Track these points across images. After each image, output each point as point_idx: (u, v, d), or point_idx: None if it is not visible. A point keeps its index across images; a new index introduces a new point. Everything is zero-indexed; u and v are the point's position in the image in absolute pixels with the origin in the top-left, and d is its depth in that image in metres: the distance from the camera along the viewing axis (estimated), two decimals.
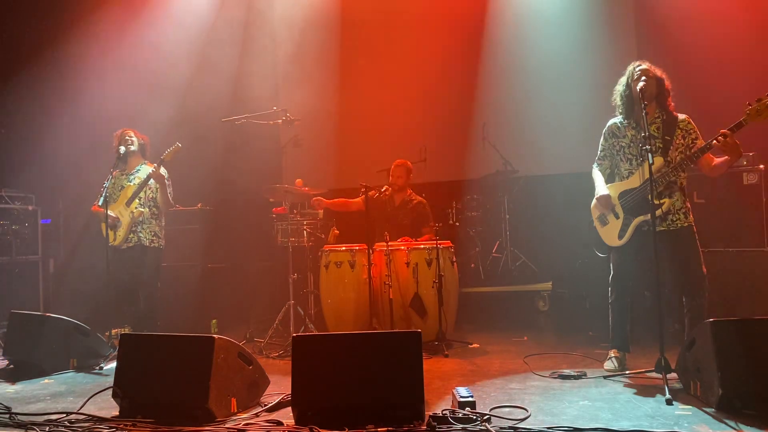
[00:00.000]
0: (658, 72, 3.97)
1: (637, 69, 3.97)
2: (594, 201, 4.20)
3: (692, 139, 3.95)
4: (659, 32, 6.30)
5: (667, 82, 3.97)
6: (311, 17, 7.54)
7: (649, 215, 3.73)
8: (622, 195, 4.05)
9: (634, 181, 4.01)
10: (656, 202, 3.84)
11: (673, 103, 4.00)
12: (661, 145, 3.92)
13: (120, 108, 6.61)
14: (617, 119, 4.15)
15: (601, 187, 4.14)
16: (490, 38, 7.19)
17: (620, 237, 4.04)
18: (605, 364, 4.09)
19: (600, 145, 4.22)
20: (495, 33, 7.17)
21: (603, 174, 4.21)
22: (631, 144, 4.05)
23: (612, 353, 4.12)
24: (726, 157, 3.76)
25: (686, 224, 3.94)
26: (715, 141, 3.69)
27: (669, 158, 3.91)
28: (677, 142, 3.94)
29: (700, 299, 3.85)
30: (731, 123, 3.64)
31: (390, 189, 5.68)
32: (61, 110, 6.95)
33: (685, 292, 3.91)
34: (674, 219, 3.93)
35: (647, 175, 3.68)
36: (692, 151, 3.87)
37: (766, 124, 3.61)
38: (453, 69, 7.28)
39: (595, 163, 4.25)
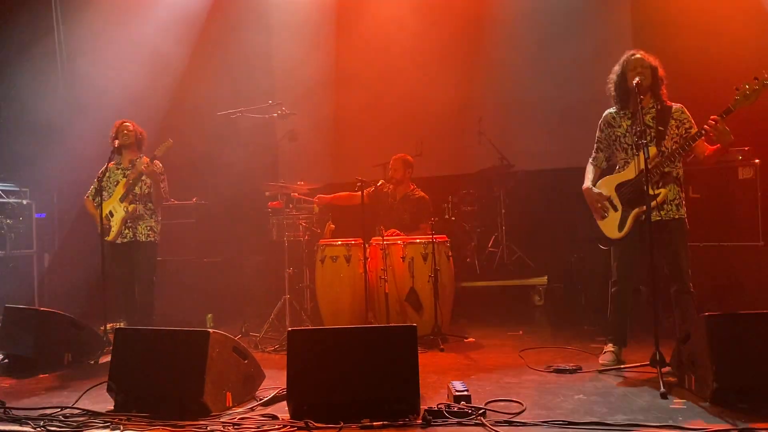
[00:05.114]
0: (653, 60, 3.93)
1: (631, 58, 3.94)
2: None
3: (686, 128, 3.93)
4: (656, 28, 6.29)
5: (661, 71, 3.93)
6: (307, 10, 7.51)
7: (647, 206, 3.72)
8: (619, 187, 4.02)
9: (630, 173, 3.98)
10: (652, 192, 3.81)
11: (666, 92, 3.98)
12: (654, 135, 3.90)
13: (115, 100, 6.57)
14: (612, 109, 4.12)
15: (587, 181, 4.13)
16: (487, 32, 7.17)
17: (620, 229, 4.00)
18: (600, 358, 4.08)
19: (596, 137, 4.19)
20: (491, 27, 7.15)
21: (599, 167, 4.18)
22: (627, 134, 4.02)
23: (608, 347, 4.11)
24: (718, 144, 3.75)
25: (677, 216, 3.92)
26: (705, 126, 3.67)
27: (663, 148, 3.89)
28: (671, 131, 3.92)
29: (686, 291, 3.84)
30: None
31: (389, 183, 5.67)
32: (56, 103, 6.91)
33: (672, 283, 3.90)
34: (668, 210, 3.91)
35: (642, 166, 3.66)
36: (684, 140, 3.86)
37: (762, 120, 3.62)
38: (449, 63, 7.26)
39: (591, 157, 4.23)
